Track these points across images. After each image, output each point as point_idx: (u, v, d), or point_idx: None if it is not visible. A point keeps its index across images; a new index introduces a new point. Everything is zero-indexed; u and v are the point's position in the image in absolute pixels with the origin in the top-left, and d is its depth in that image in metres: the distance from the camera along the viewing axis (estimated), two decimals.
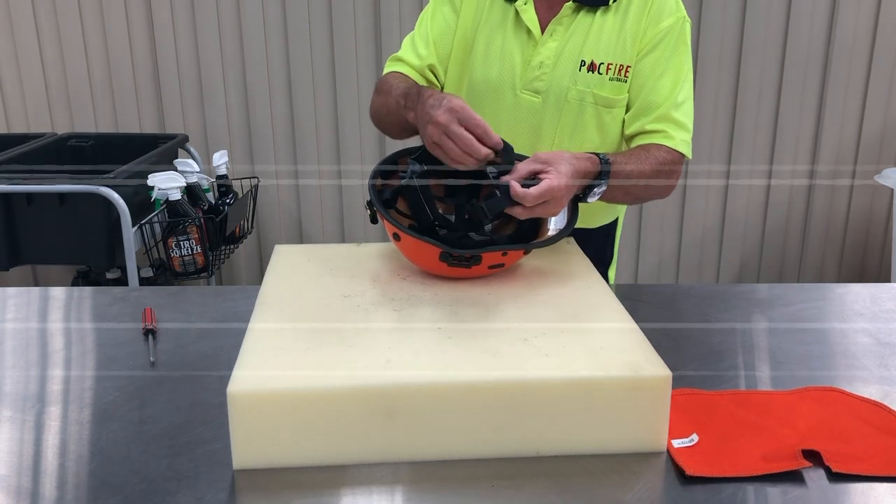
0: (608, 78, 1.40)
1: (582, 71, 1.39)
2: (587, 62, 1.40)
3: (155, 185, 2.32)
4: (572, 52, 1.40)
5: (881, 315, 1.32)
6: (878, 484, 0.88)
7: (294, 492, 0.87)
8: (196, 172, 2.53)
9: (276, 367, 0.93)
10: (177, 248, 2.35)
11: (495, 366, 0.93)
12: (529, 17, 1.41)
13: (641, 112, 1.40)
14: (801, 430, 0.98)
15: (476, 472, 0.90)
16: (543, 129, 1.43)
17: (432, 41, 1.47)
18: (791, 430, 0.97)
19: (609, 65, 1.39)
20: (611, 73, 1.40)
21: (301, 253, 1.32)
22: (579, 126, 1.42)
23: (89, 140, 2.74)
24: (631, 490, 0.87)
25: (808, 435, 0.96)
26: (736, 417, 1.00)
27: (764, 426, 0.98)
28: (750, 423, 0.99)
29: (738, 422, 0.99)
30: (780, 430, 0.98)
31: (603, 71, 1.39)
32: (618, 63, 1.40)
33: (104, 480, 0.89)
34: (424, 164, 1.25)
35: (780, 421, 1.00)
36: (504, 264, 1.19)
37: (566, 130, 1.42)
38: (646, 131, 1.39)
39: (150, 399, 1.05)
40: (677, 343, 1.20)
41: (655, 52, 1.39)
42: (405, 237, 1.16)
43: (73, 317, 1.34)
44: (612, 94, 1.41)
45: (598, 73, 1.39)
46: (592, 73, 1.39)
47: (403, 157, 1.27)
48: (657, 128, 1.39)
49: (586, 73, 1.40)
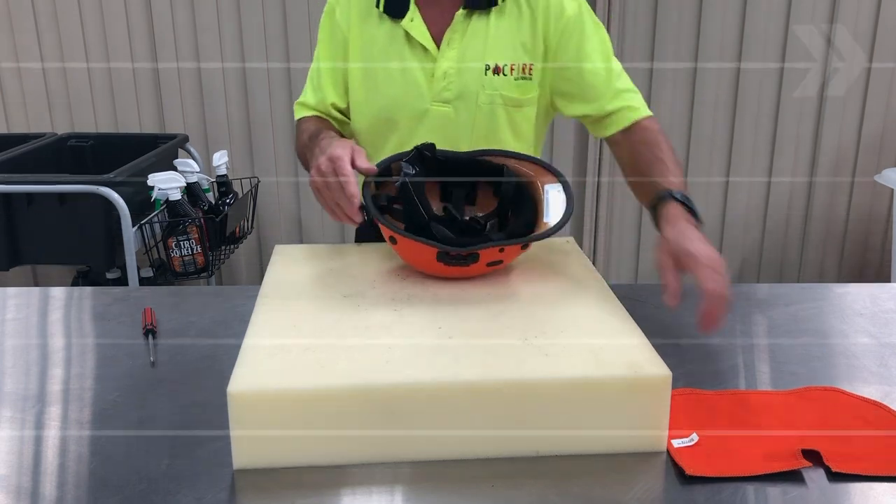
0: (513, 78, 1.41)
1: (488, 75, 1.40)
2: (491, 66, 1.40)
3: (155, 185, 2.32)
4: (474, 57, 1.40)
5: (881, 315, 1.32)
6: (877, 484, 0.88)
7: (294, 492, 0.87)
8: (196, 172, 2.53)
9: (276, 367, 0.93)
10: (177, 248, 2.35)
11: (495, 366, 0.93)
12: (420, 33, 1.41)
13: (590, 97, 1.42)
14: (801, 430, 0.98)
15: (476, 472, 0.90)
16: (459, 137, 1.43)
17: (327, 79, 1.50)
18: (791, 430, 0.97)
19: (512, 66, 1.41)
20: (515, 73, 1.41)
21: (301, 253, 1.31)
22: (493, 129, 1.43)
23: (89, 140, 2.74)
24: (631, 490, 0.87)
25: (807, 435, 0.96)
26: (735, 417, 1.01)
27: (764, 426, 0.99)
28: (749, 423, 0.99)
29: (738, 421, 1.00)
30: (780, 429, 0.98)
31: (507, 72, 1.40)
32: (521, 63, 1.41)
33: (104, 480, 0.89)
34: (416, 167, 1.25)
35: (780, 421, 1.00)
36: (503, 261, 1.19)
37: (480, 134, 1.43)
38: (608, 112, 1.41)
39: (150, 399, 1.05)
40: (677, 343, 1.20)
41: (574, 40, 1.40)
42: (401, 239, 1.16)
43: (73, 317, 1.34)
44: (519, 95, 1.42)
45: (503, 75, 1.40)
46: (498, 76, 1.41)
47: (396, 162, 1.27)
48: (617, 106, 1.41)
49: (492, 76, 1.40)
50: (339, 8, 1.47)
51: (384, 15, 1.43)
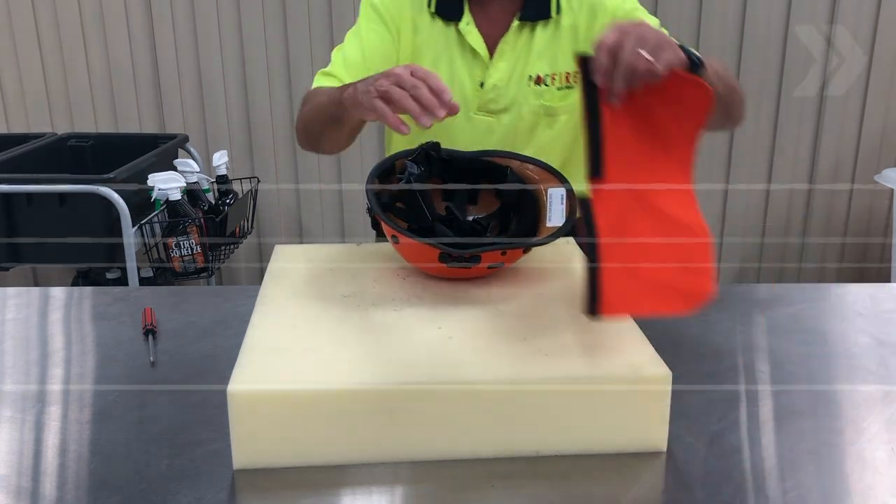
0: (556, 88, 1.41)
1: (531, 86, 1.40)
2: (534, 77, 1.40)
3: (155, 185, 2.32)
4: (522, 71, 1.40)
5: (881, 315, 1.32)
6: (878, 484, 0.88)
7: (294, 492, 0.87)
8: (196, 172, 2.53)
9: (276, 367, 0.93)
10: (177, 248, 2.34)
11: (495, 366, 0.93)
12: (474, 38, 1.39)
13: None
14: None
15: (476, 472, 0.90)
16: (498, 145, 1.42)
17: (367, 56, 1.39)
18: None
19: (553, 75, 1.40)
20: (557, 82, 1.40)
21: (301, 253, 1.31)
22: (533, 137, 1.43)
23: (89, 140, 2.74)
24: (631, 490, 0.87)
25: None
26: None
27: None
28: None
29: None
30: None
31: (549, 83, 1.40)
32: (563, 72, 1.40)
33: (104, 480, 0.89)
34: (421, 166, 1.25)
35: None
36: (504, 263, 1.19)
37: (521, 143, 1.43)
38: None
39: (150, 399, 1.05)
40: (677, 343, 1.20)
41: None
42: (404, 239, 1.16)
43: (73, 317, 1.34)
44: (560, 103, 1.41)
45: (544, 86, 1.40)
46: (540, 86, 1.40)
47: (400, 159, 1.27)
48: None
49: (535, 87, 1.40)
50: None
51: (436, 15, 1.40)
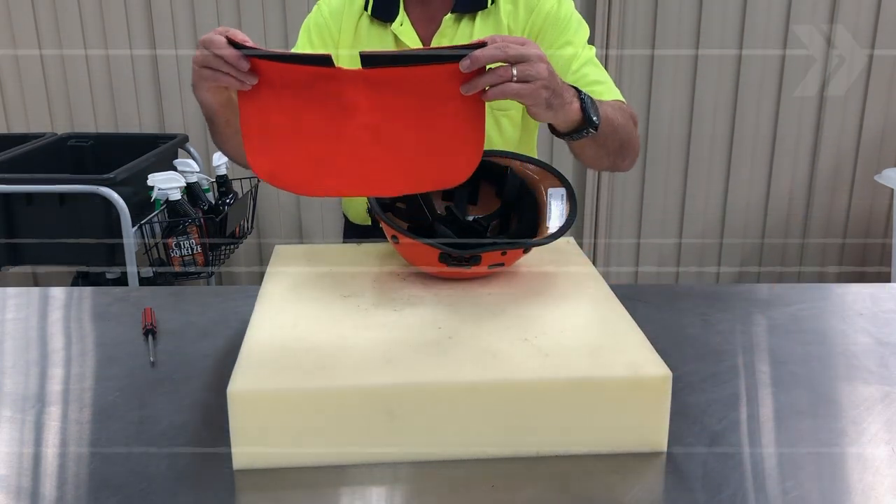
0: None
1: None
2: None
3: (155, 185, 2.32)
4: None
5: (881, 315, 1.32)
6: (878, 484, 0.88)
7: (294, 492, 0.87)
8: (196, 172, 2.53)
9: (276, 367, 0.93)
10: (177, 248, 2.35)
11: (495, 366, 0.93)
12: (409, 38, 1.40)
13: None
14: None
15: (476, 472, 0.90)
16: None
17: None
18: None
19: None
20: None
21: (301, 253, 1.31)
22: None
23: (89, 140, 2.74)
24: (631, 490, 0.87)
25: None
26: None
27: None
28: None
29: None
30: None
31: None
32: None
33: (104, 480, 0.89)
34: None
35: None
36: (504, 264, 1.19)
37: None
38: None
39: (150, 399, 1.05)
40: (677, 343, 1.20)
41: (546, 37, 1.36)
42: (404, 239, 1.16)
43: (73, 317, 1.34)
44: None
45: None
46: None
47: None
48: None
49: None
50: (327, 7, 1.46)
51: (373, 18, 1.42)
